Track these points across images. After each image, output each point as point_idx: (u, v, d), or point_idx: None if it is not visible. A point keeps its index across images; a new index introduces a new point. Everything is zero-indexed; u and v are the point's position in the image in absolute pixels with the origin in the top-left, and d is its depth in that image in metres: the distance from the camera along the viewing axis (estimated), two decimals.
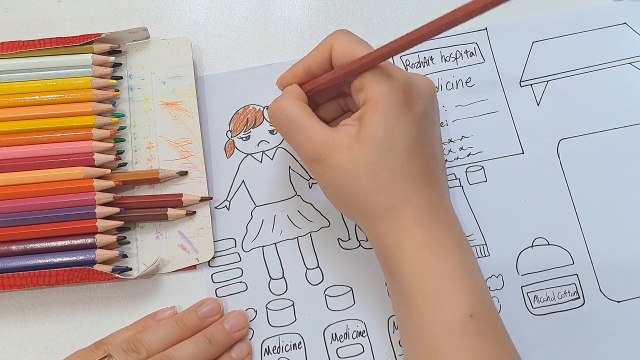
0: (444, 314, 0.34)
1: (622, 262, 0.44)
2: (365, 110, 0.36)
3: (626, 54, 0.48)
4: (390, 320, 0.43)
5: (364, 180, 0.35)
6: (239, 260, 0.44)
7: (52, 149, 0.43)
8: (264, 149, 0.47)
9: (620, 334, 0.43)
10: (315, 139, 0.36)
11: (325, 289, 0.44)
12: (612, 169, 0.46)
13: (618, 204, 0.45)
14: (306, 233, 0.45)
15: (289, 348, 0.43)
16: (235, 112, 0.47)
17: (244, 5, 0.50)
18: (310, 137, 0.37)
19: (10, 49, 0.45)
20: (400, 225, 0.35)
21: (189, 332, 0.41)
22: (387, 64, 0.36)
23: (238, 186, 0.46)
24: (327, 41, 0.38)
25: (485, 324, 0.35)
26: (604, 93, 0.47)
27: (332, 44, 0.38)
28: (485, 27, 0.49)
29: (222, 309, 0.43)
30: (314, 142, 0.36)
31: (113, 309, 0.43)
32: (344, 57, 0.37)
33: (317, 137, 0.36)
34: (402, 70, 0.37)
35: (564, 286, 0.44)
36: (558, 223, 0.45)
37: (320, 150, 0.36)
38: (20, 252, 0.42)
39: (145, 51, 0.47)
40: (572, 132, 0.46)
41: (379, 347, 0.43)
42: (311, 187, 0.46)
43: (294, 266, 0.44)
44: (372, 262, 0.44)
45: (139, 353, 0.38)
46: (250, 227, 0.45)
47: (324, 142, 0.36)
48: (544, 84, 0.47)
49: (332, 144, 0.36)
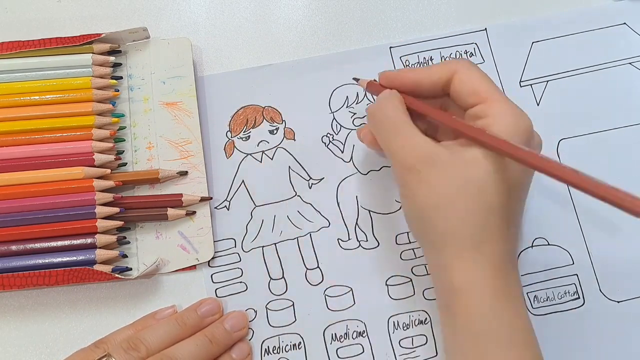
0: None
1: (622, 262, 0.44)
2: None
3: (626, 54, 0.48)
4: (390, 320, 0.43)
5: (457, 206, 0.34)
6: (239, 261, 0.44)
7: (52, 149, 0.43)
8: (263, 149, 0.47)
9: (619, 334, 0.43)
10: (416, 148, 0.35)
11: (325, 289, 0.44)
12: (612, 169, 0.46)
13: None
14: (306, 233, 0.45)
15: (289, 348, 0.43)
16: (235, 112, 0.47)
17: (244, 5, 0.50)
18: (411, 145, 0.35)
19: (10, 49, 0.45)
20: (481, 263, 0.34)
21: (189, 331, 0.41)
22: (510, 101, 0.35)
23: (238, 186, 0.46)
24: (450, 65, 0.37)
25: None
26: (604, 93, 0.47)
27: (457, 70, 0.37)
28: (485, 28, 0.49)
29: (222, 309, 0.42)
30: (413, 151, 0.35)
31: (113, 309, 0.43)
32: (467, 89, 0.36)
33: (418, 147, 0.35)
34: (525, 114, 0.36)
35: (564, 286, 0.44)
36: (558, 223, 0.45)
37: (419, 160, 0.35)
38: (20, 252, 0.42)
39: (145, 51, 0.47)
40: (572, 132, 0.46)
41: (378, 348, 0.43)
42: (311, 187, 0.46)
43: (293, 266, 0.44)
44: (372, 262, 0.44)
45: (138, 351, 0.38)
46: (250, 227, 0.45)
47: (424, 153, 0.35)
48: (543, 84, 0.47)
49: (433, 158, 0.35)
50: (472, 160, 0.34)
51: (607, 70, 0.48)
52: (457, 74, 0.37)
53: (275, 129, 0.47)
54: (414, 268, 0.44)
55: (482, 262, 0.34)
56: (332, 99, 0.47)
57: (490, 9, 0.49)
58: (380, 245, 0.44)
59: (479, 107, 0.36)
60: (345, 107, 0.47)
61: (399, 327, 0.43)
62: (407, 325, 0.43)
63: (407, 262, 0.44)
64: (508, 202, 0.34)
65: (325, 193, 0.46)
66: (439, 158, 0.35)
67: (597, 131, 0.46)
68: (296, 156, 0.46)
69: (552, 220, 0.45)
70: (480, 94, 0.36)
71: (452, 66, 0.37)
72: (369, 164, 0.46)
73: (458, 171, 0.34)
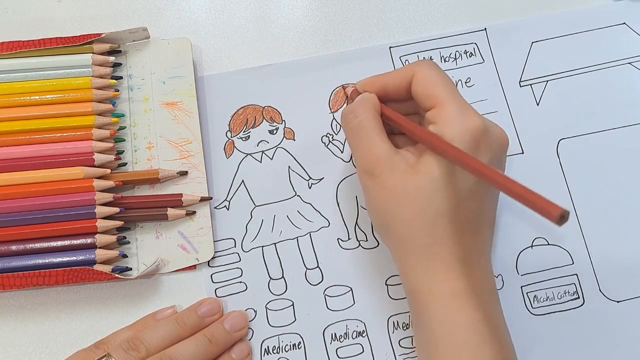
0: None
1: (622, 262, 0.44)
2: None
3: (626, 54, 0.48)
4: (390, 320, 0.43)
5: (408, 210, 0.35)
6: (239, 260, 0.44)
7: (52, 149, 0.43)
8: (263, 149, 0.47)
9: (619, 334, 0.43)
10: (376, 153, 0.36)
11: (324, 289, 0.44)
12: (611, 169, 0.46)
13: (618, 203, 0.45)
14: (306, 233, 0.45)
15: (289, 348, 0.43)
16: (235, 112, 0.47)
17: (243, 5, 0.50)
18: (373, 150, 0.37)
19: (10, 49, 0.45)
20: (433, 266, 0.35)
21: (189, 331, 0.41)
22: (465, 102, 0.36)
23: (238, 186, 0.46)
24: (411, 68, 0.38)
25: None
26: (604, 93, 0.47)
27: (416, 72, 0.37)
28: (485, 27, 0.49)
29: (221, 309, 0.43)
30: (373, 156, 0.36)
31: (113, 309, 0.43)
32: (422, 92, 0.37)
33: (378, 152, 0.36)
34: (478, 114, 0.36)
35: (563, 286, 0.44)
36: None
37: (378, 165, 0.36)
38: (20, 252, 0.42)
39: (145, 51, 0.47)
40: (572, 132, 0.46)
41: (378, 347, 0.43)
42: (310, 187, 0.46)
43: (293, 266, 0.44)
44: (372, 262, 0.44)
45: (138, 351, 0.38)
46: (249, 227, 0.45)
47: (383, 159, 0.36)
48: (543, 84, 0.47)
49: (389, 164, 0.36)
50: (424, 167, 0.35)
51: (607, 70, 0.48)
52: (415, 76, 0.38)
53: (275, 129, 0.47)
54: None
55: (433, 265, 0.35)
56: (332, 99, 0.47)
57: (489, 8, 0.49)
58: (380, 245, 0.45)
59: (432, 111, 0.37)
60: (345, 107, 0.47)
61: (398, 327, 0.43)
62: (407, 325, 0.43)
63: None
64: (458, 208, 0.35)
65: (325, 193, 0.46)
66: (395, 164, 0.36)
67: (597, 131, 0.46)
68: (296, 156, 0.46)
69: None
70: (434, 98, 0.36)
71: (412, 69, 0.38)
72: None
73: (410, 177, 0.35)
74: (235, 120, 0.47)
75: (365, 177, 0.37)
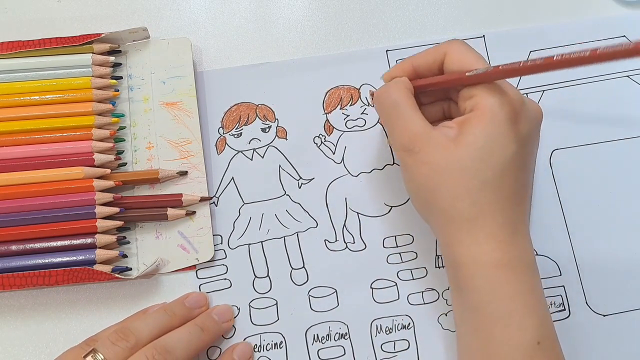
0: (513, 337, 0.34)
1: (610, 276, 0.44)
2: (469, 118, 0.36)
3: (624, 66, 0.47)
4: (373, 323, 0.43)
5: (451, 183, 0.35)
6: (224, 257, 0.44)
7: (52, 149, 0.43)
8: (255, 146, 0.47)
9: (605, 348, 0.43)
10: (414, 129, 0.37)
11: (309, 290, 0.44)
12: (603, 182, 0.46)
13: (608, 217, 0.45)
14: (293, 233, 0.45)
15: (270, 347, 0.43)
16: (228, 108, 0.47)
17: (243, 4, 0.50)
18: (410, 126, 0.37)
19: (10, 49, 0.45)
20: (479, 238, 0.35)
21: (179, 321, 0.40)
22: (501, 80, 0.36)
23: (227, 183, 0.46)
24: (441, 47, 0.38)
25: (550, 354, 0.35)
26: (600, 105, 0.47)
27: (447, 51, 0.38)
28: (483, 35, 0.49)
29: (207, 302, 0.43)
30: (411, 132, 0.37)
31: (113, 309, 0.43)
32: (457, 66, 0.37)
33: (416, 129, 0.37)
34: (515, 88, 0.37)
35: (550, 297, 0.43)
36: (547, 234, 0.45)
37: (416, 141, 0.36)
38: (20, 252, 0.42)
39: (145, 51, 0.47)
40: (566, 143, 0.46)
41: (360, 350, 0.43)
42: (300, 187, 0.46)
43: (279, 265, 0.44)
44: (358, 264, 0.44)
45: (127, 341, 0.38)
46: (237, 224, 0.45)
47: (421, 134, 0.36)
48: (539, 94, 0.47)
49: (428, 139, 0.36)
50: (467, 138, 0.35)
51: (605, 82, 0.47)
52: (447, 55, 0.38)
53: (267, 127, 0.47)
54: (399, 272, 0.44)
55: (479, 236, 0.35)
56: (326, 100, 0.47)
57: (488, 16, 0.49)
58: (367, 248, 0.45)
59: (468, 87, 0.37)
60: (339, 109, 0.47)
61: (381, 331, 0.43)
62: (389, 330, 0.43)
63: (393, 266, 0.44)
64: (502, 177, 0.35)
65: (314, 193, 0.46)
66: (434, 139, 0.36)
67: (592, 143, 0.46)
68: (287, 155, 0.46)
69: (542, 231, 0.45)
70: (464, 65, 0.37)
71: (444, 48, 0.38)
72: (359, 166, 0.46)
73: (453, 150, 0.35)
74: (228, 117, 0.47)
75: (405, 155, 0.37)
